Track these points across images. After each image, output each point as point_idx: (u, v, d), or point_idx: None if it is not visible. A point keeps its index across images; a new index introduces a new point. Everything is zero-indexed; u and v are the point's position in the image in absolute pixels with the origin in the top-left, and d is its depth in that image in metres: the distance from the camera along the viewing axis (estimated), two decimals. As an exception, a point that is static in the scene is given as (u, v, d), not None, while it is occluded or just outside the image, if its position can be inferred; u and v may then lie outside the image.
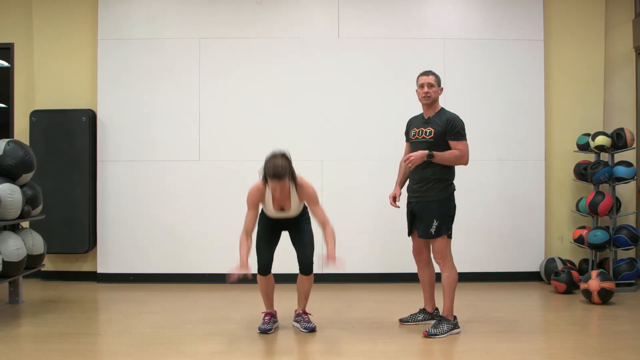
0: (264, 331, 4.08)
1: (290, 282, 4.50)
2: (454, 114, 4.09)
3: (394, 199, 4.30)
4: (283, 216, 4.09)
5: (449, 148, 4.01)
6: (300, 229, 4.15)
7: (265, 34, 5.93)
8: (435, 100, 4.11)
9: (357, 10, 5.93)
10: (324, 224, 4.01)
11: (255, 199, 4.03)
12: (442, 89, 4.14)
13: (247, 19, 5.95)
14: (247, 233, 3.99)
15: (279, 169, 3.80)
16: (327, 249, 3.93)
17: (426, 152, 3.96)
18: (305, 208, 4.19)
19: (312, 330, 4.12)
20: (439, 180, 4.01)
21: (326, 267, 3.90)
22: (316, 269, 4.15)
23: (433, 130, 4.02)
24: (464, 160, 4.03)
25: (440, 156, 3.97)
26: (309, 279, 4.13)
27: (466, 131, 4.10)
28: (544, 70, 5.95)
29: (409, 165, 4.00)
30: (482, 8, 5.96)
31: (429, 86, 4.07)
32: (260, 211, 4.14)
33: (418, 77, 4.15)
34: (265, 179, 3.91)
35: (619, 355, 3.62)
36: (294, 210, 4.07)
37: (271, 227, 4.16)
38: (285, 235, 4.21)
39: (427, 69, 4.20)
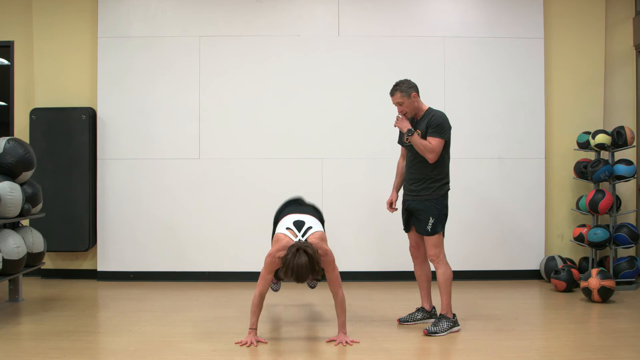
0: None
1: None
2: (439, 112, 4.11)
3: (391, 204, 4.35)
4: None
5: None
6: None
7: (265, 31, 5.92)
8: (415, 110, 4.11)
9: (357, 8, 5.92)
10: (335, 292, 3.79)
11: (275, 267, 3.75)
12: (415, 94, 4.07)
13: (247, 17, 5.94)
14: (261, 296, 3.76)
15: (300, 273, 3.49)
16: (339, 321, 3.83)
17: (409, 127, 4.02)
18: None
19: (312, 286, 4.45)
20: (435, 180, 4.07)
21: (335, 343, 3.79)
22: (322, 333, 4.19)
23: (421, 133, 4.07)
24: (431, 155, 3.99)
25: (416, 139, 4.00)
26: None
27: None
28: (544, 68, 5.94)
29: (396, 119, 4.09)
30: (482, 6, 5.96)
31: (399, 105, 4.10)
32: None
33: None
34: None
35: (619, 353, 3.62)
36: None
37: None
38: None
39: (393, 85, 4.13)
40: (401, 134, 4.28)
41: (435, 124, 4.00)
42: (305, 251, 3.50)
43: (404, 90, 4.06)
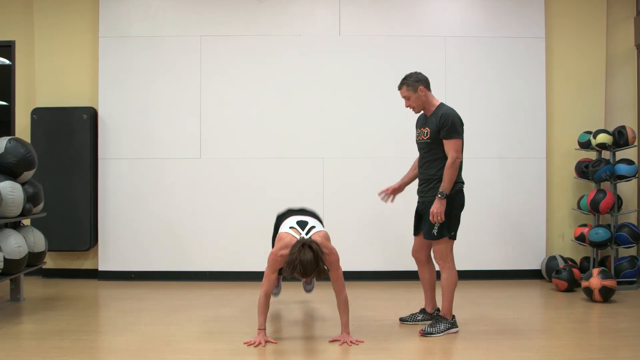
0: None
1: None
2: (450, 109, 3.96)
3: (388, 192, 4.22)
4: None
5: (442, 147, 3.92)
6: None
7: (266, 31, 5.92)
8: (423, 104, 4.02)
9: (358, 7, 5.92)
10: (339, 291, 3.79)
11: (279, 265, 3.74)
12: (422, 88, 3.97)
13: (248, 17, 5.94)
14: (267, 295, 3.75)
15: (306, 268, 3.49)
16: (342, 321, 3.83)
17: (437, 197, 3.85)
18: None
19: (308, 290, 4.49)
20: (441, 180, 3.91)
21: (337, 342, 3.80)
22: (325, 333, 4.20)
23: (429, 131, 3.96)
24: (457, 161, 3.89)
25: (447, 185, 3.85)
26: None
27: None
28: (545, 67, 5.94)
29: (439, 219, 3.87)
30: (484, 6, 5.95)
31: (406, 99, 4.03)
32: None
33: None
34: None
35: (620, 353, 3.63)
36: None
37: None
38: None
39: (402, 79, 4.06)
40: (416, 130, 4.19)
41: (447, 126, 3.86)
42: (310, 247, 3.50)
43: (411, 84, 3.99)
